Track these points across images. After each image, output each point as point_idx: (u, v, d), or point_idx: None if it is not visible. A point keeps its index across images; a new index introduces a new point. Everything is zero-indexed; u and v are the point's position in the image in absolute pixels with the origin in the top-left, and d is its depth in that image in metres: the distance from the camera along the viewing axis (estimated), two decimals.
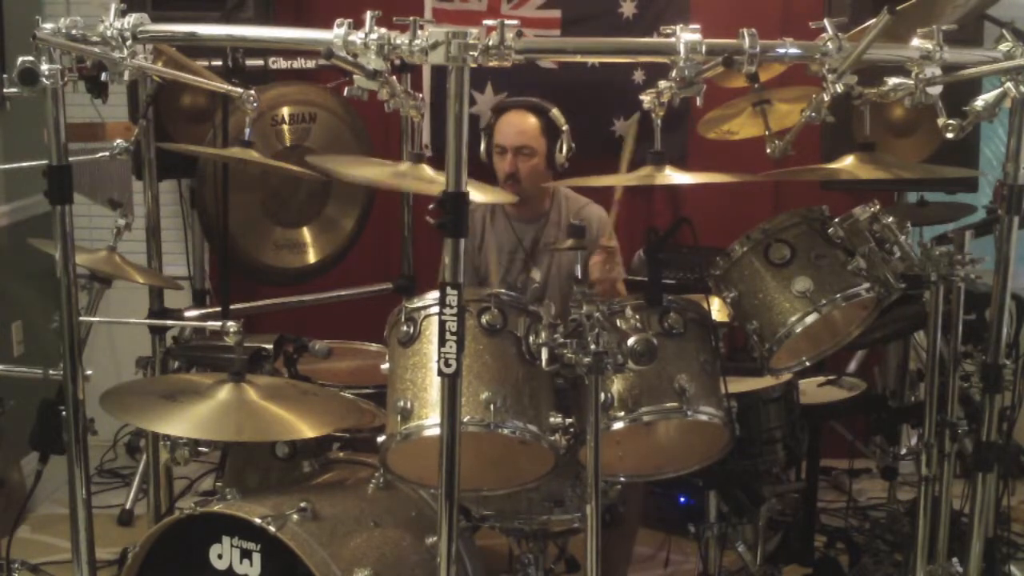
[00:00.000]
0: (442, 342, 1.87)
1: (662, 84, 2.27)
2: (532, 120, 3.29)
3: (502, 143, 3.29)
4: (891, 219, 2.47)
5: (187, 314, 3.56)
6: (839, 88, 2.13)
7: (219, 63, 3.28)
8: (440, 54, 1.88)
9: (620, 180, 3.08)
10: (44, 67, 2.19)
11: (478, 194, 3.16)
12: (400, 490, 2.56)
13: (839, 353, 2.77)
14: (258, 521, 2.26)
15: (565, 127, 3.29)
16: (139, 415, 2.47)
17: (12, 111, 3.86)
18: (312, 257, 3.79)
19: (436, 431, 2.02)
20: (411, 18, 1.96)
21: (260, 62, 3.64)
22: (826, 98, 2.16)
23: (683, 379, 2.32)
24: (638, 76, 4.24)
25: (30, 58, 2.19)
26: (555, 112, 3.30)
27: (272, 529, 2.25)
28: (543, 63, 4.28)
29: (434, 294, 2.24)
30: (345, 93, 2.11)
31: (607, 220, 3.48)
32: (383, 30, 2.01)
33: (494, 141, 3.31)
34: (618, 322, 2.30)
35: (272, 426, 2.43)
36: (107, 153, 3.02)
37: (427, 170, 2.55)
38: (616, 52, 2.72)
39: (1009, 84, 2.17)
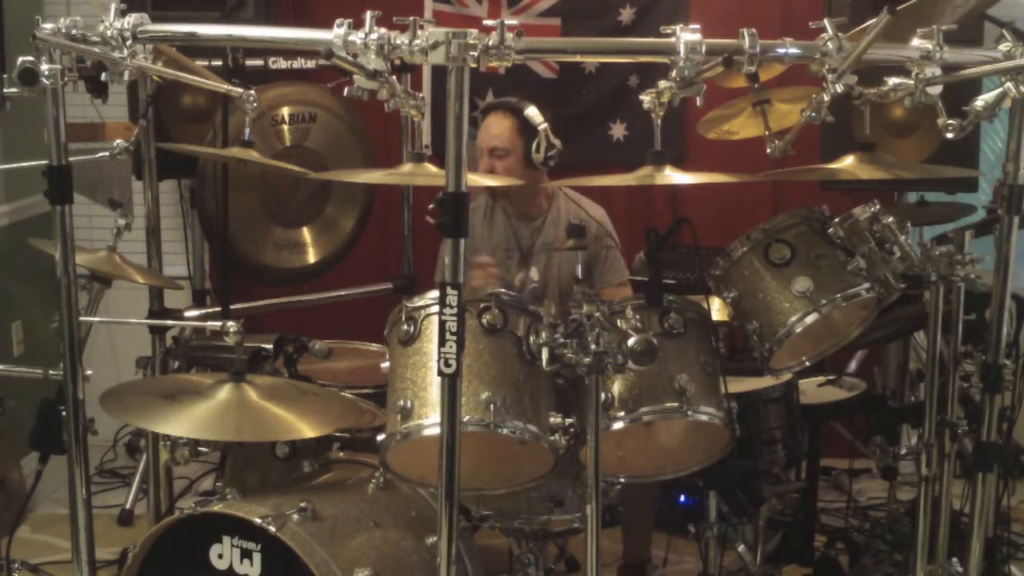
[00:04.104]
0: (442, 342, 1.87)
1: (662, 84, 2.27)
2: (506, 121, 3.29)
3: (480, 145, 3.31)
4: (891, 219, 2.47)
5: (187, 314, 3.55)
6: (839, 88, 2.13)
7: (219, 63, 3.28)
8: (440, 54, 1.88)
9: (620, 180, 3.08)
10: (44, 67, 2.19)
11: (489, 180, 3.19)
12: (400, 490, 2.56)
13: (839, 353, 2.77)
14: (258, 521, 2.26)
15: (543, 125, 3.23)
16: (139, 415, 2.47)
17: (12, 111, 3.85)
18: (312, 257, 3.78)
19: (436, 430, 2.02)
20: (411, 18, 1.96)
21: (260, 62, 3.64)
22: (826, 98, 2.16)
23: (683, 379, 2.32)
24: (633, 80, 4.26)
25: (30, 58, 2.19)
26: (530, 112, 3.26)
27: (272, 529, 2.25)
28: (542, 71, 4.31)
29: (434, 293, 2.24)
30: (345, 93, 2.11)
31: (607, 219, 3.49)
32: (383, 30, 2.01)
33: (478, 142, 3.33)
34: (618, 322, 2.31)
35: (272, 426, 2.43)
36: (107, 153, 3.02)
37: (431, 167, 2.55)
38: (616, 52, 2.73)
39: (1009, 84, 2.17)
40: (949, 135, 2.21)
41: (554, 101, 3.42)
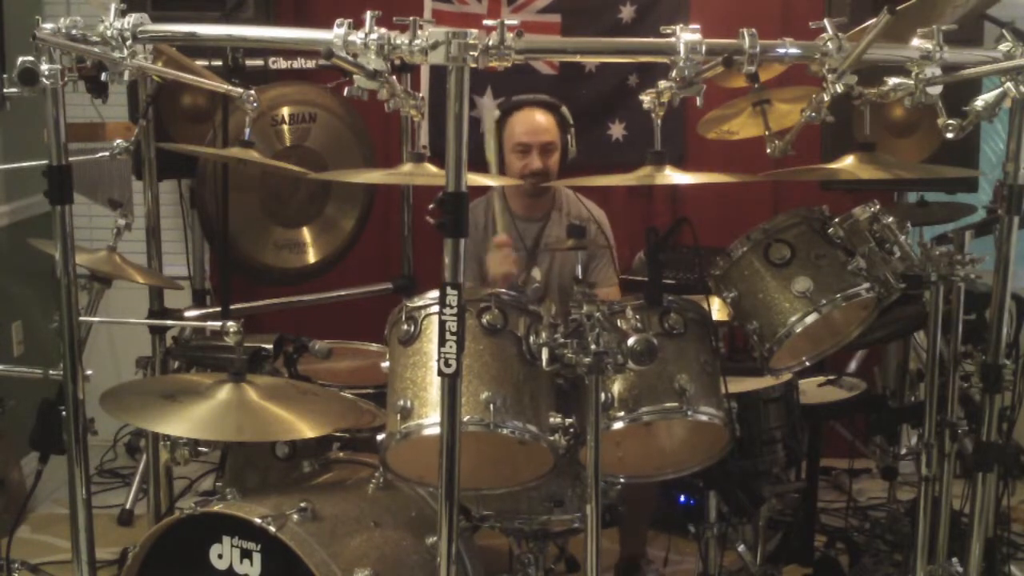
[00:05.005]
0: (442, 342, 1.87)
1: (662, 84, 2.27)
2: (550, 117, 3.33)
3: (525, 141, 3.30)
4: (891, 219, 2.47)
5: (187, 314, 3.55)
6: (839, 88, 2.13)
7: (219, 63, 3.28)
8: (440, 54, 1.88)
9: (619, 180, 3.08)
10: (44, 67, 2.19)
11: (489, 180, 3.20)
12: (400, 490, 2.56)
13: (839, 353, 2.77)
14: (258, 521, 2.26)
15: (572, 123, 3.34)
16: (139, 415, 2.47)
17: (12, 111, 3.85)
18: (312, 257, 3.78)
19: (436, 430, 2.02)
20: (411, 18, 1.96)
21: (260, 62, 3.64)
22: (826, 98, 2.16)
23: (683, 379, 2.32)
24: (632, 80, 4.25)
25: (30, 58, 2.19)
26: (564, 109, 3.35)
27: (272, 529, 2.25)
28: (542, 68, 4.31)
29: (434, 293, 2.24)
30: (345, 93, 2.11)
31: (606, 222, 3.49)
32: (383, 30, 2.01)
33: (513, 140, 3.32)
34: (618, 322, 2.31)
35: (272, 426, 2.43)
36: (107, 153, 3.01)
37: (431, 167, 2.56)
38: (616, 52, 2.72)
39: (1009, 84, 2.17)
40: (949, 135, 2.21)
41: (554, 99, 3.43)
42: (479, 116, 4.16)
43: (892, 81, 2.21)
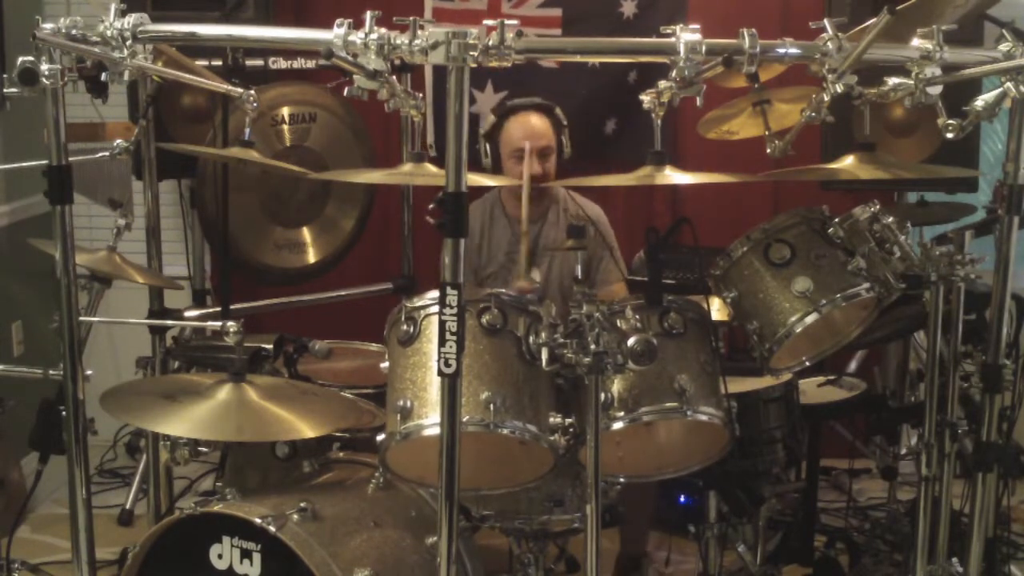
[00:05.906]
0: (442, 342, 1.87)
1: (662, 84, 2.27)
2: (545, 120, 3.32)
3: (522, 146, 3.27)
4: (891, 219, 2.47)
5: (187, 314, 3.55)
6: (839, 88, 2.13)
7: (219, 63, 3.28)
8: (440, 54, 1.88)
9: (619, 180, 3.08)
10: (44, 67, 2.19)
11: (489, 180, 3.20)
12: (400, 490, 2.56)
13: (839, 353, 2.77)
14: (258, 521, 2.26)
15: (566, 123, 3.33)
16: (139, 415, 2.47)
17: (12, 111, 3.86)
18: (312, 257, 3.78)
19: (435, 430, 2.02)
20: (411, 18, 1.96)
21: (260, 62, 3.64)
22: (826, 98, 2.16)
23: (683, 379, 2.32)
24: (632, 77, 4.24)
25: (30, 58, 2.19)
26: (559, 110, 3.34)
27: (272, 529, 2.25)
28: (544, 62, 4.29)
29: (434, 293, 2.24)
30: (345, 93, 2.10)
31: (605, 219, 3.49)
32: (383, 30, 2.01)
33: (510, 145, 3.30)
34: (618, 322, 2.30)
35: (272, 426, 2.44)
36: (107, 153, 3.01)
37: (431, 167, 2.56)
38: (616, 52, 2.72)
39: (1009, 84, 2.17)
40: (949, 135, 2.21)
41: (555, 94, 3.43)
42: (479, 112, 4.16)
43: (892, 81, 2.21)
